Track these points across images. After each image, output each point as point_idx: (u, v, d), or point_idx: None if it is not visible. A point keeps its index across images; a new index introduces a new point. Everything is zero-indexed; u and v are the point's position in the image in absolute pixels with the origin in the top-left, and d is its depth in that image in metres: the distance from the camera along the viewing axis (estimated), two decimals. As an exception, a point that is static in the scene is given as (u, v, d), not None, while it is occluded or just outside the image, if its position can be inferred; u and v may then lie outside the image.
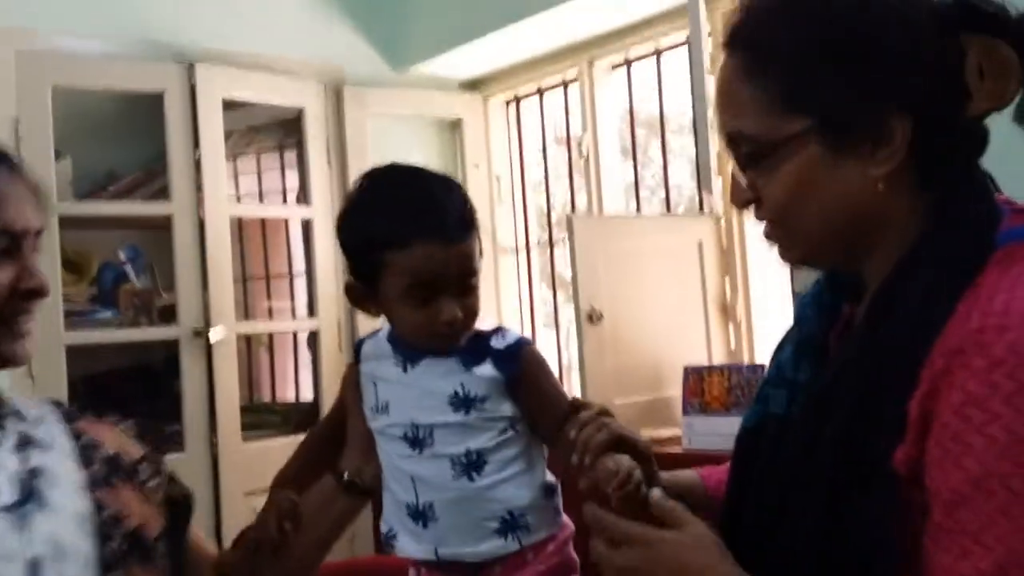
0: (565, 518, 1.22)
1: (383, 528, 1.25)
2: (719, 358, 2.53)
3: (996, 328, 0.76)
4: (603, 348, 2.40)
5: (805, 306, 1.02)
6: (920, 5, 0.86)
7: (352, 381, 1.28)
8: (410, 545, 1.21)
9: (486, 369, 1.17)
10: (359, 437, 1.25)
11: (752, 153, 0.90)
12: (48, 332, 2.47)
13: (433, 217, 1.14)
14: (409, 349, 1.20)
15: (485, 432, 1.17)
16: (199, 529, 1.30)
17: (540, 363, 1.21)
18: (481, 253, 1.20)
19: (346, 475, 1.24)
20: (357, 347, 1.30)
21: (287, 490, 1.24)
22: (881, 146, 0.85)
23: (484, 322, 1.24)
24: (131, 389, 2.84)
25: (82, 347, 2.64)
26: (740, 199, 0.94)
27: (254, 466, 1.30)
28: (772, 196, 0.90)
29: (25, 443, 1.13)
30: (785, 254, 0.95)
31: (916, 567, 0.78)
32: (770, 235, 0.94)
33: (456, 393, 1.16)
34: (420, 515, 1.18)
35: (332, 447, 1.28)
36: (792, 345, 1.00)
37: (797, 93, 0.87)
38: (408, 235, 1.14)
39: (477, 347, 1.19)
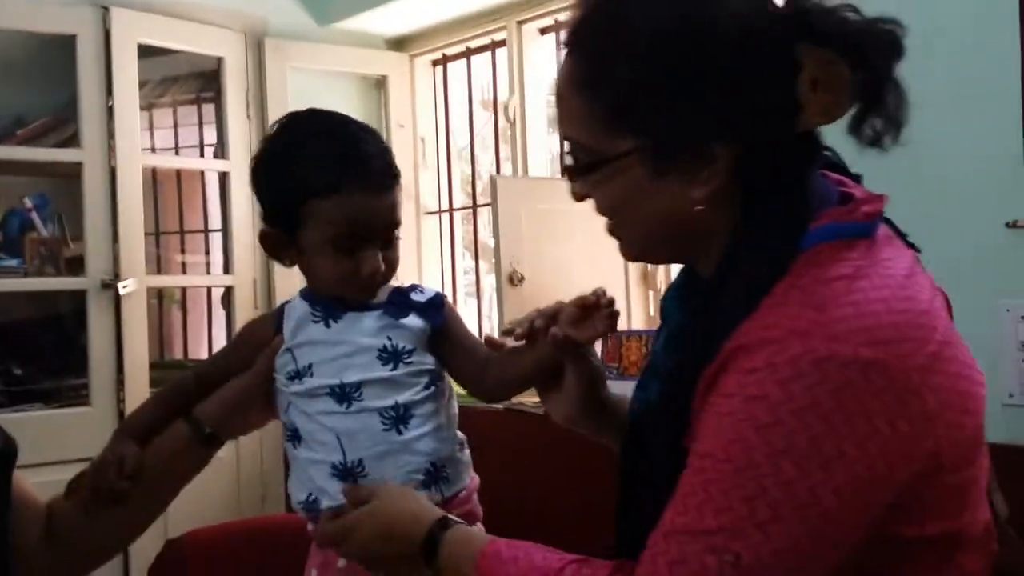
0: (472, 472, 1.23)
1: (299, 495, 1.19)
2: (638, 324, 2.56)
3: (759, 341, 0.81)
4: (524, 310, 2.39)
5: (669, 299, 1.05)
6: (763, 16, 0.87)
7: (257, 340, 1.22)
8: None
9: (413, 320, 1.16)
10: (237, 391, 1.21)
11: (580, 163, 0.93)
12: (-52, 278, 2.39)
13: (361, 165, 1.12)
14: (330, 304, 1.17)
15: (411, 387, 1.16)
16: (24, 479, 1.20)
17: (457, 315, 1.22)
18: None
19: (207, 426, 1.19)
20: (279, 316, 1.23)
21: (130, 441, 1.19)
22: (703, 168, 0.87)
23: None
24: (37, 340, 2.76)
25: (-16, 295, 2.55)
26: (575, 197, 0.97)
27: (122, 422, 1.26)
28: (599, 204, 0.94)
29: None
30: (622, 250, 0.99)
31: None
32: (608, 229, 0.97)
33: (385, 348, 1.14)
34: (348, 473, 1.15)
35: (194, 400, 1.23)
36: (663, 339, 1.03)
37: (625, 114, 0.88)
38: (336, 183, 1.11)
39: (399, 301, 1.17)
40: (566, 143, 0.95)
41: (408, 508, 1.04)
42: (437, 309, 1.17)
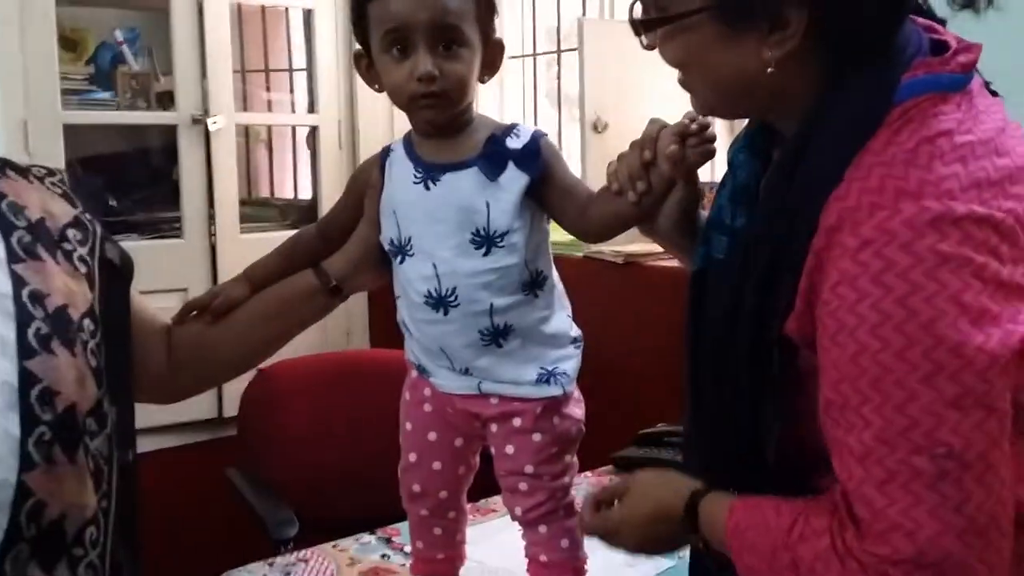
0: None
1: (412, 360, 1.26)
2: (721, 174, 2.54)
3: (868, 207, 0.78)
4: (606, 158, 2.38)
5: (738, 151, 1.02)
6: None
7: (374, 183, 1.24)
8: (449, 382, 1.22)
9: (510, 175, 1.14)
10: (360, 244, 1.25)
11: (648, 18, 0.91)
12: (46, 109, 2.46)
13: None
14: (428, 162, 1.18)
15: (507, 288, 1.16)
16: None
17: (557, 154, 1.19)
18: (486, 37, 1.15)
19: (333, 279, 1.24)
20: (382, 160, 1.24)
21: (245, 283, 1.26)
22: (776, 30, 0.84)
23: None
24: (130, 173, 2.84)
25: (80, 126, 2.62)
26: (644, 47, 0.95)
27: (251, 258, 1.30)
28: (669, 57, 0.92)
29: None
30: (694, 103, 0.97)
31: (815, 432, 0.83)
32: (680, 81, 0.95)
33: (478, 231, 1.14)
34: (460, 371, 1.21)
35: (317, 252, 1.27)
36: (729, 190, 1.00)
37: None
38: None
39: (495, 151, 1.15)
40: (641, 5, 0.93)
41: (661, 494, 1.00)
42: (534, 157, 1.14)
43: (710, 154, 1.04)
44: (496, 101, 3.24)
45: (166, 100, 2.75)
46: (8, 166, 1.14)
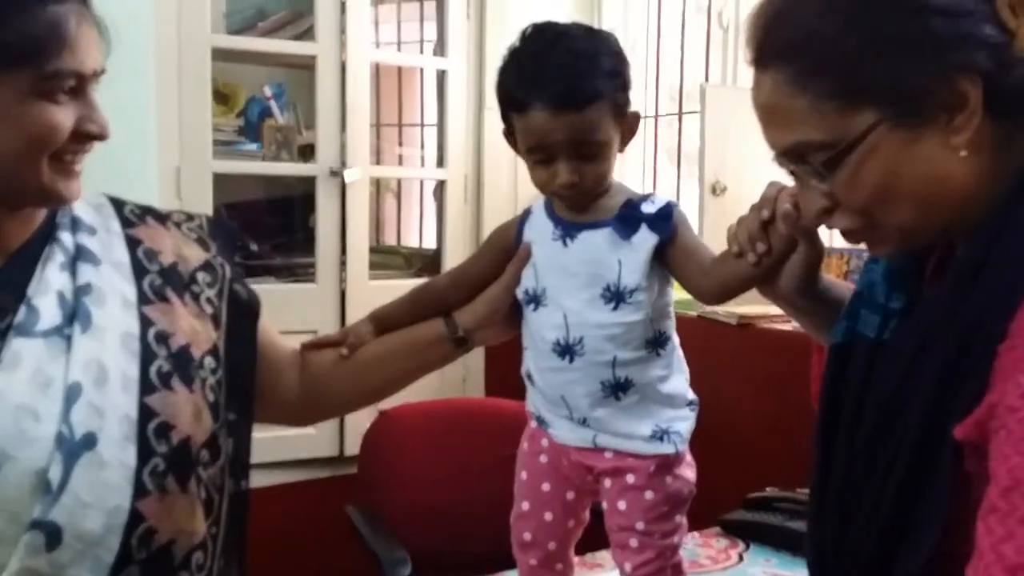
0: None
1: (533, 410, 1.32)
2: (841, 242, 2.54)
3: None
4: (724, 221, 2.42)
5: None
6: None
7: (507, 246, 1.31)
8: (566, 433, 1.27)
9: (642, 236, 1.20)
10: (492, 300, 1.31)
11: (828, 160, 0.86)
12: (198, 158, 2.63)
13: (547, 86, 1.15)
14: (567, 220, 1.24)
15: (631, 343, 1.21)
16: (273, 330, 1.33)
17: (686, 221, 1.23)
18: (622, 119, 1.20)
19: (461, 330, 1.31)
20: (520, 223, 1.31)
21: (370, 324, 1.34)
22: (956, 112, 0.81)
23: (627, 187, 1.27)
24: (270, 220, 3.00)
25: (228, 175, 2.78)
26: (817, 210, 0.90)
27: (378, 302, 1.39)
28: (856, 198, 0.86)
29: (77, 257, 1.11)
30: (877, 249, 0.92)
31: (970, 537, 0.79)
32: (854, 236, 0.91)
33: (608, 287, 1.20)
34: (577, 421, 1.26)
35: (445, 302, 1.34)
36: (883, 268, 0.98)
37: (858, 88, 0.83)
38: (523, 102, 1.18)
39: (631, 215, 1.21)
40: (794, 161, 0.89)
41: None
42: (667, 220, 1.20)
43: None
44: (617, 158, 3.30)
45: (307, 152, 2.90)
46: (149, 213, 1.22)
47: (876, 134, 0.83)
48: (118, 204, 1.21)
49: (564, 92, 1.15)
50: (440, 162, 3.14)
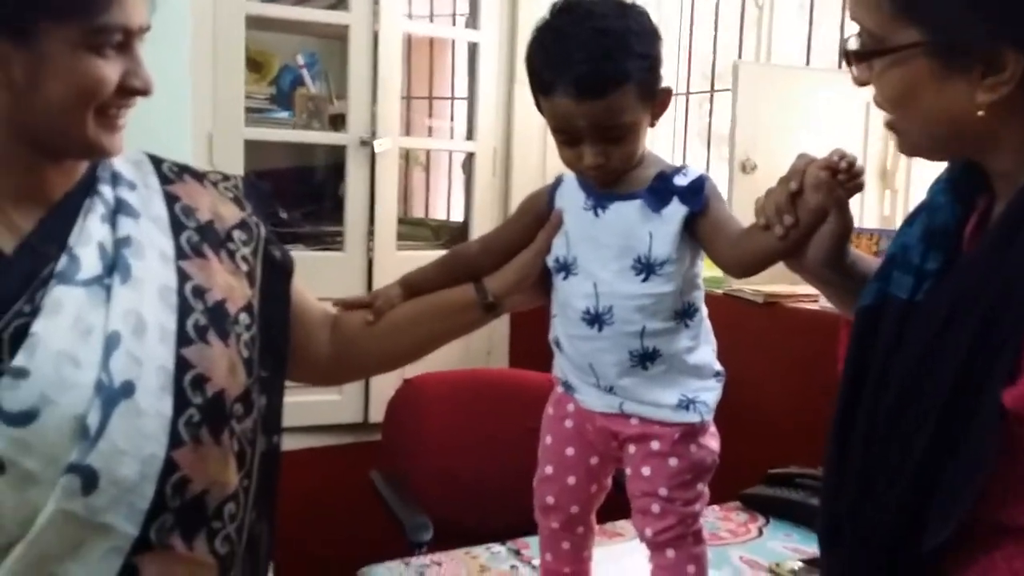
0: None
1: (560, 376, 1.33)
2: (871, 223, 2.53)
3: None
4: (753, 199, 2.41)
5: (938, 192, 0.99)
6: None
7: (539, 213, 1.31)
8: (593, 399, 1.29)
9: (673, 208, 1.20)
10: (523, 266, 1.31)
11: (863, 49, 0.89)
12: (230, 125, 2.65)
13: (570, 72, 1.14)
14: (598, 191, 1.24)
15: (660, 313, 1.22)
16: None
17: (718, 194, 1.22)
18: (651, 98, 1.19)
19: (491, 295, 1.31)
20: (552, 191, 1.31)
21: (400, 288, 1.35)
22: (991, 74, 0.82)
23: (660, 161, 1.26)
24: (300, 188, 3.02)
25: (259, 142, 2.80)
26: (856, 82, 0.94)
27: (405, 272, 1.42)
28: (880, 93, 0.91)
29: (117, 210, 1.12)
30: (899, 144, 0.95)
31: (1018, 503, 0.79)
32: (888, 122, 0.94)
33: (639, 258, 1.20)
34: (604, 389, 1.28)
35: (475, 268, 1.34)
36: (921, 230, 0.97)
37: (914, 5, 0.84)
38: (546, 85, 1.17)
39: (663, 187, 1.21)
40: (855, 26, 0.91)
41: None
42: (698, 193, 1.20)
43: (858, 188, 1.06)
44: (647, 136, 3.30)
45: (338, 122, 2.92)
46: (187, 171, 1.23)
47: (911, 52, 0.85)
48: (156, 161, 1.22)
49: (588, 77, 1.14)
50: (470, 135, 3.14)
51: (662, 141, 3.42)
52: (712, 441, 1.28)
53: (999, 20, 0.81)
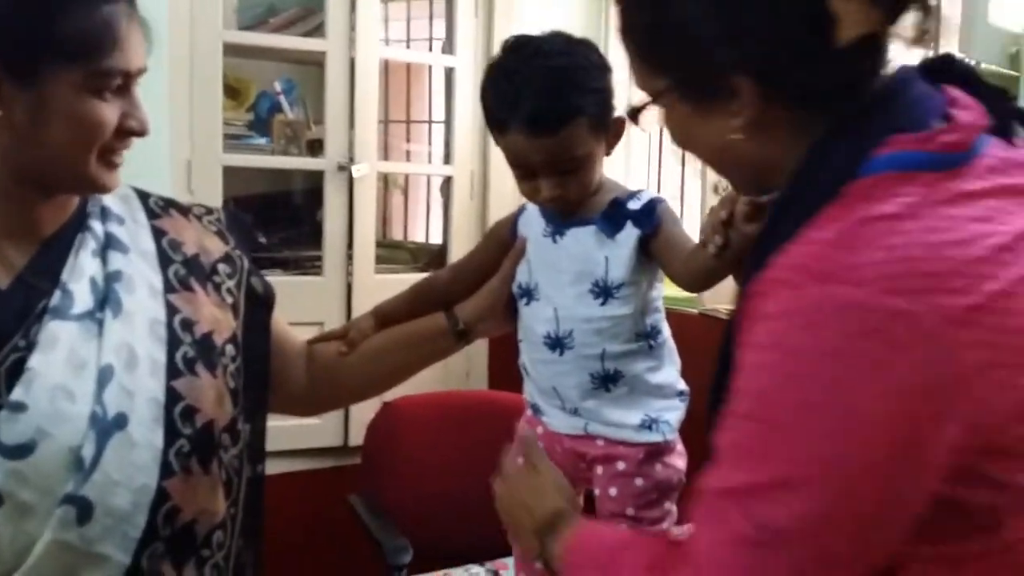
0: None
1: (528, 399, 1.37)
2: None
3: (781, 281, 0.76)
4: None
5: None
6: None
7: (504, 241, 1.35)
8: (559, 421, 1.32)
9: (627, 233, 1.24)
10: (491, 293, 1.35)
11: (635, 105, 0.95)
12: (209, 152, 2.66)
13: (522, 110, 1.18)
14: (557, 218, 1.28)
15: (620, 336, 1.25)
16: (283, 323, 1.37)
17: (673, 216, 1.27)
18: (604, 129, 1.22)
19: (461, 323, 1.34)
20: (515, 219, 1.36)
21: (372, 318, 1.38)
22: (731, 102, 0.85)
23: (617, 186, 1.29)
24: (278, 213, 3.03)
25: (238, 168, 2.81)
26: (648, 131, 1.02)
27: (384, 295, 1.43)
28: (672, 140, 0.95)
29: (107, 245, 1.15)
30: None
31: None
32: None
33: (597, 283, 1.24)
34: (569, 411, 1.31)
35: (446, 296, 1.38)
36: None
37: (652, 55, 0.90)
38: (500, 123, 1.21)
39: (617, 212, 1.25)
40: None
41: (552, 494, 1.09)
42: (650, 215, 1.24)
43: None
44: (623, 156, 3.34)
45: (316, 147, 2.94)
46: (172, 206, 1.27)
47: (667, 99, 0.90)
48: (143, 196, 1.25)
49: (538, 115, 1.17)
50: (447, 159, 3.17)
51: (638, 160, 3.46)
52: (679, 460, 1.31)
53: (715, 54, 0.84)
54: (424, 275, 1.48)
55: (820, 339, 0.72)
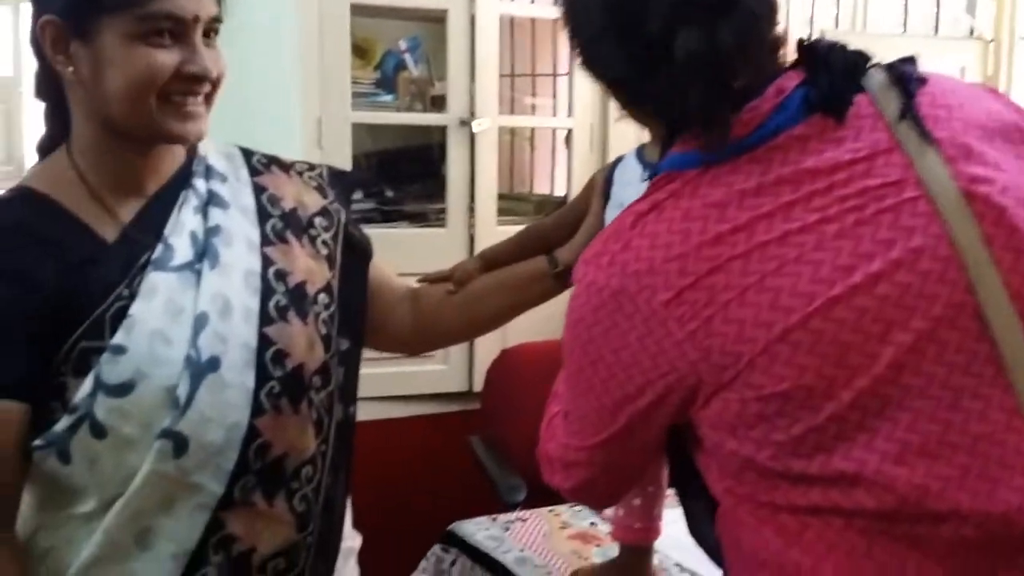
0: None
1: None
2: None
3: (582, 263, 0.99)
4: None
5: None
6: None
7: (599, 187, 1.39)
8: None
9: None
10: (586, 231, 1.38)
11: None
12: (337, 109, 2.77)
13: None
14: (654, 164, 1.30)
15: None
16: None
17: None
18: None
19: (560, 264, 1.39)
20: (613, 167, 1.39)
21: (480, 261, 1.45)
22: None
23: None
24: (404, 168, 3.13)
25: (365, 125, 2.93)
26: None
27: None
28: None
29: (209, 202, 1.20)
30: None
31: None
32: None
33: None
34: None
35: (549, 241, 1.43)
36: None
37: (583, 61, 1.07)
38: None
39: None
40: None
41: None
42: None
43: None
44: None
45: (440, 103, 3.02)
46: (274, 163, 1.33)
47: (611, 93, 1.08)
48: (247, 154, 1.32)
49: None
50: (569, 111, 3.19)
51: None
52: None
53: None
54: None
55: (578, 307, 0.98)
